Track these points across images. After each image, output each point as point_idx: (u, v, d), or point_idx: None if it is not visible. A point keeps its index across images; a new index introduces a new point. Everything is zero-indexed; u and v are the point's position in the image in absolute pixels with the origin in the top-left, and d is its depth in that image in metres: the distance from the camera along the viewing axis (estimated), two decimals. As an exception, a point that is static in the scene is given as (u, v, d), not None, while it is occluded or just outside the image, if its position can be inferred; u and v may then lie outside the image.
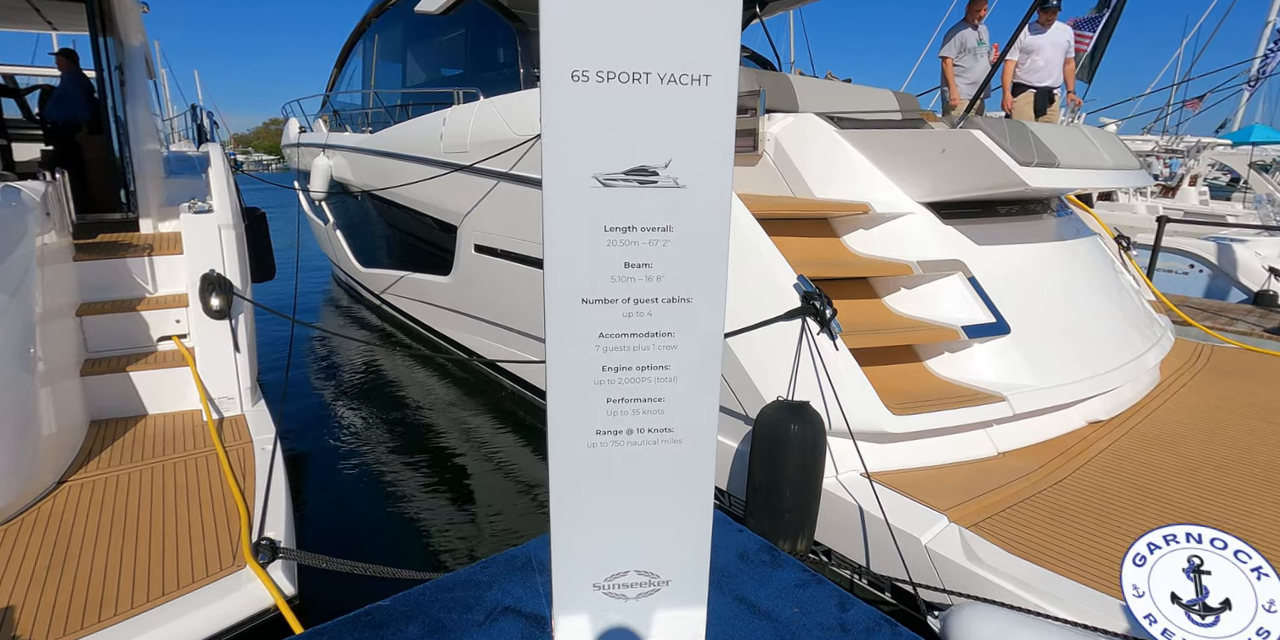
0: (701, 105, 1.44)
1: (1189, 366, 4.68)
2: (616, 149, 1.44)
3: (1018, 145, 3.22)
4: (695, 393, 1.63)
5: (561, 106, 1.39)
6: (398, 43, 7.79)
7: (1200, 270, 7.95)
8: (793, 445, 2.55)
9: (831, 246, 3.56)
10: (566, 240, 1.47)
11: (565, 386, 1.56)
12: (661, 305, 1.55)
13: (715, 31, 1.41)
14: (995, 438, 3.16)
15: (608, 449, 1.63)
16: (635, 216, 1.48)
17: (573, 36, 1.37)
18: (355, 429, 4.80)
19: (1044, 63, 5.97)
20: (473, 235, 4.92)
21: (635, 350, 1.57)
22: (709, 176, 1.48)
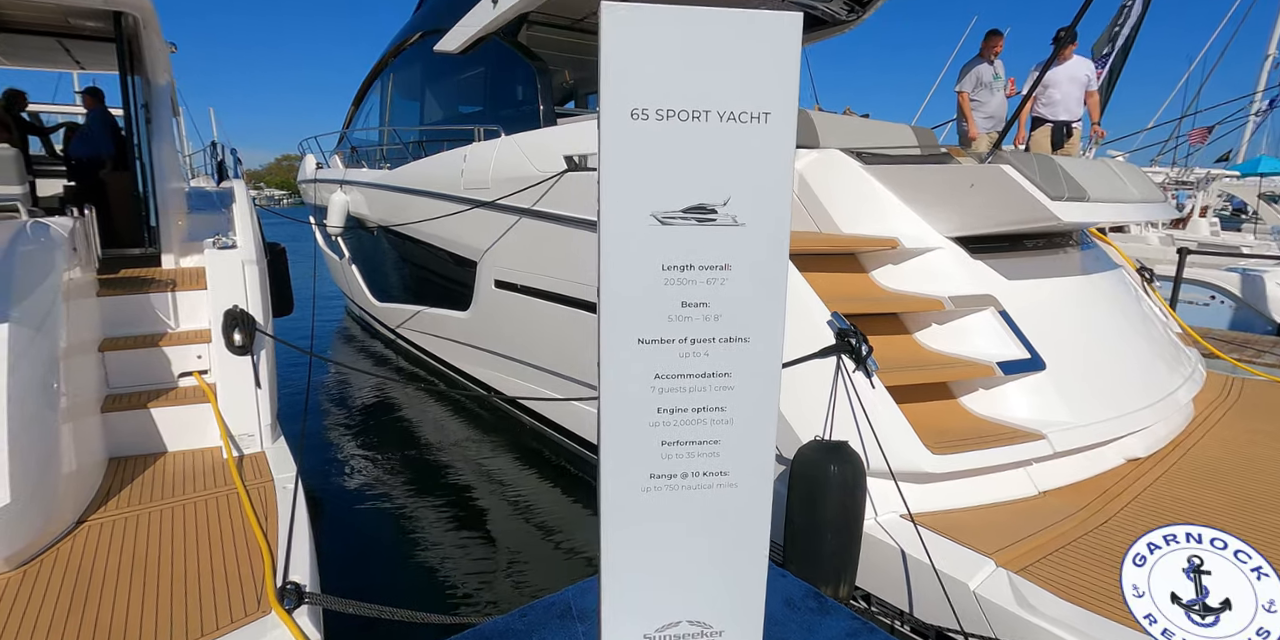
0: (761, 142, 1.42)
1: (1221, 401, 4.59)
2: (675, 187, 1.42)
3: (1048, 180, 3.21)
4: (752, 435, 1.58)
5: (620, 144, 1.38)
6: (416, 81, 7.93)
7: (1221, 301, 7.89)
8: (832, 487, 2.48)
9: (861, 282, 3.54)
10: (623, 279, 1.44)
11: (619, 429, 1.52)
12: (719, 345, 1.52)
13: (775, 69, 1.40)
14: (1034, 476, 3.08)
15: (661, 493, 1.57)
16: (693, 255, 1.45)
17: (633, 75, 1.37)
18: (374, 467, 4.73)
19: (1060, 97, 6.01)
20: (493, 271, 4.92)
21: (691, 391, 1.53)
22: (768, 214, 1.45)
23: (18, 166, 4.57)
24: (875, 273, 3.58)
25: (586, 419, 4.28)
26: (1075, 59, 6.03)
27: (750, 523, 1.65)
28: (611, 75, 1.37)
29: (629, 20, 1.34)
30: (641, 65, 1.37)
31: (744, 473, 1.60)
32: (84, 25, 6.12)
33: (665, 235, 1.45)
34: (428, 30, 7.38)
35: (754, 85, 1.41)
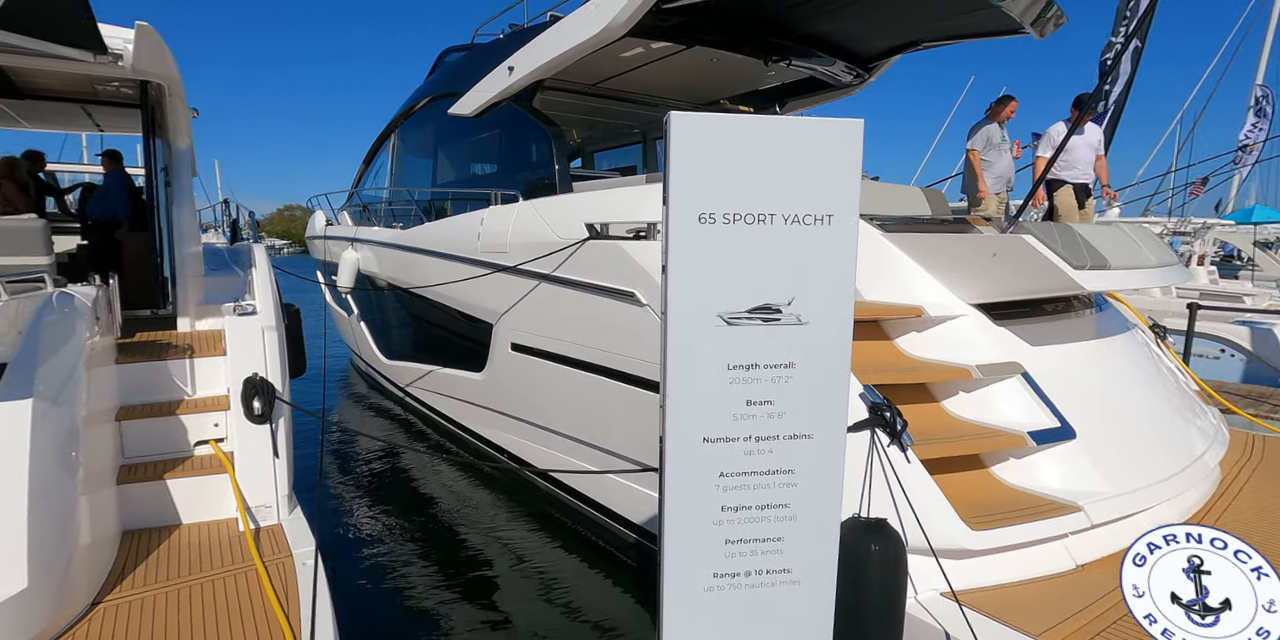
0: (825, 243, 1.45)
1: (1245, 461, 4.56)
2: (741, 288, 1.44)
3: (1070, 249, 3.26)
4: (815, 531, 1.56)
5: (687, 248, 1.40)
6: (428, 142, 8.11)
7: (1232, 355, 7.92)
8: (874, 566, 2.42)
9: (887, 350, 3.55)
10: (690, 380, 1.44)
11: (683, 528, 1.50)
12: (783, 442, 1.51)
13: (838, 173, 1.44)
14: (1072, 549, 3.03)
15: (725, 592, 1.54)
16: (758, 354, 1.46)
17: (701, 181, 1.40)
18: (390, 537, 4.63)
19: (1078, 160, 6.22)
20: (510, 333, 4.93)
21: (755, 489, 1.52)
22: (831, 312, 1.47)
23: (45, 237, 4.62)
24: (900, 340, 3.60)
25: (608, 486, 4.22)
26: (1089, 125, 6.27)
27: (813, 620, 1.61)
28: (680, 182, 1.40)
29: (697, 129, 1.39)
30: (709, 172, 1.41)
31: (807, 570, 1.58)
32: (110, 92, 6.28)
33: (731, 335, 1.46)
34: (439, 94, 7.59)
35: (818, 189, 1.45)
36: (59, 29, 4.10)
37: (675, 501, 1.45)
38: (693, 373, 1.41)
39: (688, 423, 1.44)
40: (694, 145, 1.36)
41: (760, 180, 1.39)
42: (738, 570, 1.50)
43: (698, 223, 1.39)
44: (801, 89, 7.36)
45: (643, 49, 5.99)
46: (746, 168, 1.38)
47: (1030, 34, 5.34)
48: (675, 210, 1.36)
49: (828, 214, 1.43)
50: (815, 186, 1.42)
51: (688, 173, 1.37)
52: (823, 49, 6.19)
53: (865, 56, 6.51)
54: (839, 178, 1.43)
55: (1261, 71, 22.52)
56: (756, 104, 7.68)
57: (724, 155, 1.38)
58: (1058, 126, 6.45)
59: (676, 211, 1.36)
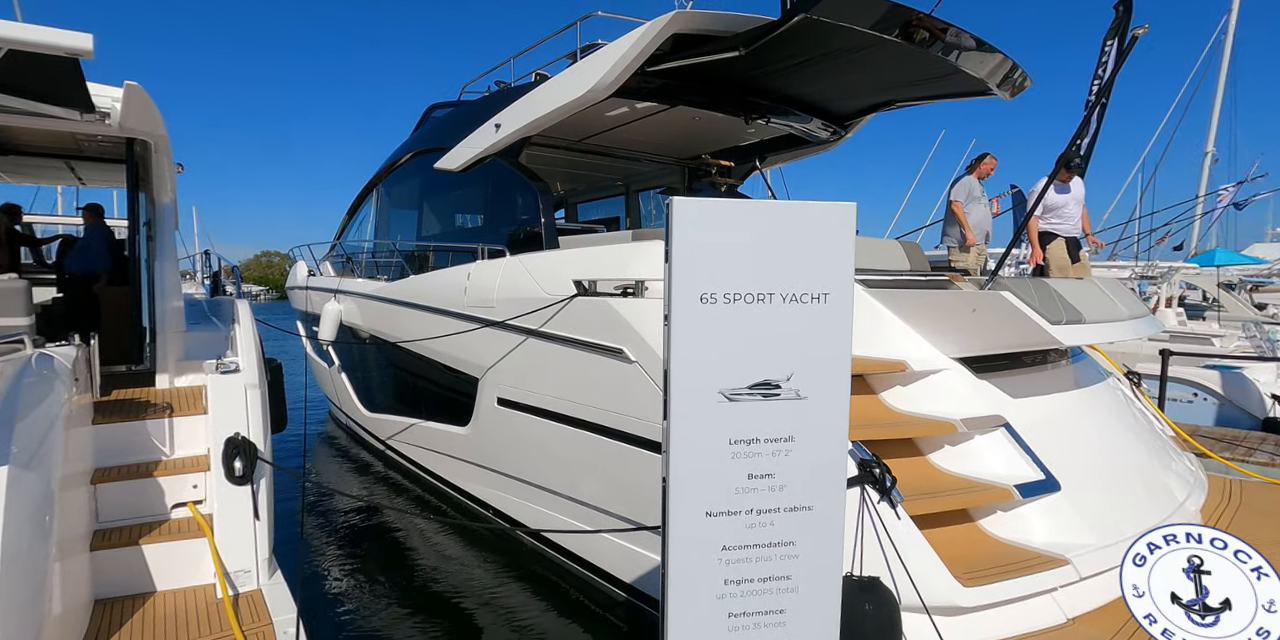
0: (821, 321, 1.51)
1: (1224, 507, 4.62)
2: (741, 365, 1.49)
3: (1046, 305, 3.37)
4: (816, 602, 1.56)
5: (689, 328, 1.45)
6: (413, 195, 8.21)
7: (1205, 398, 8.08)
8: (869, 628, 2.42)
9: (872, 404, 3.60)
10: (692, 456, 1.47)
11: (687, 602, 1.50)
12: (783, 515, 1.54)
13: (833, 253, 1.51)
14: (1061, 602, 3.03)
15: (730, 670, 1.53)
16: (759, 429, 1.50)
17: (702, 264, 1.46)
18: (372, 600, 4.50)
19: (1069, 216, 6.48)
20: (496, 388, 4.92)
21: (757, 561, 1.53)
22: (829, 386, 1.52)
23: (25, 299, 4.57)
24: (885, 394, 3.65)
25: (596, 545, 4.17)
26: (1075, 180, 6.54)
27: (818, 696, 1.60)
28: (682, 265, 1.46)
29: (697, 216, 1.45)
30: (710, 255, 1.47)
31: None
32: (94, 147, 6.32)
33: (732, 411, 1.50)
34: (425, 149, 7.72)
35: (814, 269, 1.51)
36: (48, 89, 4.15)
37: (679, 575, 1.46)
38: (695, 448, 1.44)
39: (690, 497, 1.46)
40: (695, 229, 1.42)
41: (758, 261, 1.45)
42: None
43: (699, 303, 1.44)
44: (780, 145, 7.60)
45: (627, 108, 6.18)
46: (745, 250, 1.45)
47: (999, 96, 5.61)
48: (678, 291, 1.41)
49: (824, 292, 1.49)
50: (811, 266, 1.48)
51: (689, 255, 1.43)
52: (800, 108, 6.43)
53: (841, 115, 6.77)
54: (834, 257, 1.49)
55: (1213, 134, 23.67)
56: (737, 159, 7.90)
57: (723, 238, 1.44)
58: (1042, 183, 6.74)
59: (679, 292, 1.41)
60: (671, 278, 1.41)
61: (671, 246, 1.42)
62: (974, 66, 5.04)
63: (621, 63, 4.66)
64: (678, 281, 1.41)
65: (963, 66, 4.95)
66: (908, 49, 4.60)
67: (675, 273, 1.41)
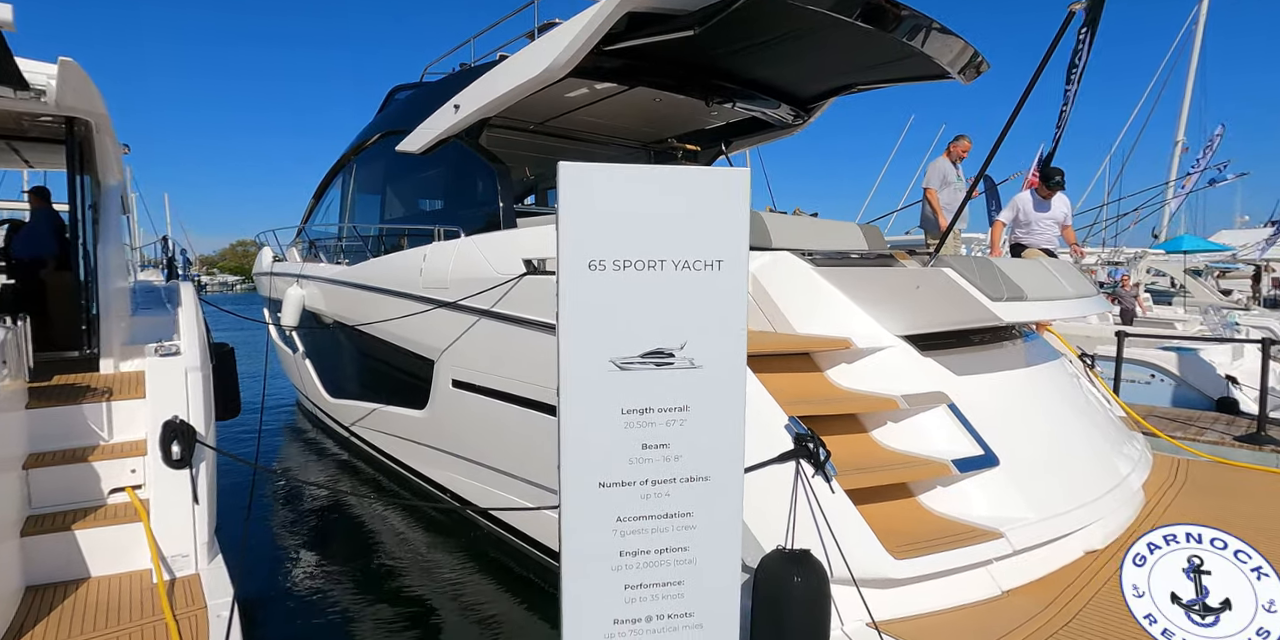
0: (715, 289, 1.48)
1: (1169, 485, 4.70)
2: (633, 333, 1.46)
3: (988, 282, 3.38)
4: (715, 574, 1.55)
5: (578, 295, 1.42)
6: (377, 178, 8.07)
7: (1162, 379, 8.22)
8: (796, 600, 2.43)
9: (816, 381, 3.60)
10: (584, 425, 1.45)
11: (582, 574, 1.48)
12: (680, 485, 1.52)
13: (726, 220, 1.48)
14: (996, 575, 3.07)
15: (626, 639, 1.52)
16: (652, 398, 1.48)
17: (590, 229, 1.43)
18: (325, 584, 4.46)
19: (1042, 233, 6.44)
20: (451, 370, 4.87)
21: (654, 533, 1.51)
22: (724, 356, 1.50)
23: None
24: (830, 372, 3.66)
25: (549, 525, 4.15)
26: (1057, 198, 6.46)
27: (719, 666, 1.60)
28: (570, 231, 1.42)
29: (584, 179, 1.42)
30: (598, 220, 1.44)
31: (709, 614, 1.57)
32: (39, 127, 6.12)
33: (625, 380, 1.47)
34: (389, 131, 7.59)
35: (706, 236, 1.49)
36: (-25, 67, 3.99)
37: (573, 547, 1.44)
38: (587, 417, 1.41)
39: (583, 467, 1.43)
40: (583, 194, 1.39)
41: (649, 228, 1.42)
42: (639, 616, 1.48)
43: (588, 269, 1.41)
44: (745, 129, 7.56)
45: (587, 89, 6.10)
46: (636, 216, 1.41)
47: (957, 80, 5.61)
48: (566, 258, 1.38)
49: (717, 260, 1.46)
50: (704, 234, 1.45)
51: (577, 220, 1.39)
52: (762, 91, 6.39)
53: (803, 98, 6.74)
54: (728, 225, 1.47)
55: (1183, 123, 23.97)
56: (702, 143, 7.86)
57: (613, 204, 1.41)
58: (1023, 195, 6.73)
59: (567, 259, 1.38)
60: (559, 243, 1.38)
61: (559, 211, 1.38)
62: (933, 50, 5.02)
63: (576, 42, 4.58)
64: (566, 248, 1.38)
65: (921, 49, 4.94)
66: (866, 31, 4.57)
67: (563, 239, 1.37)
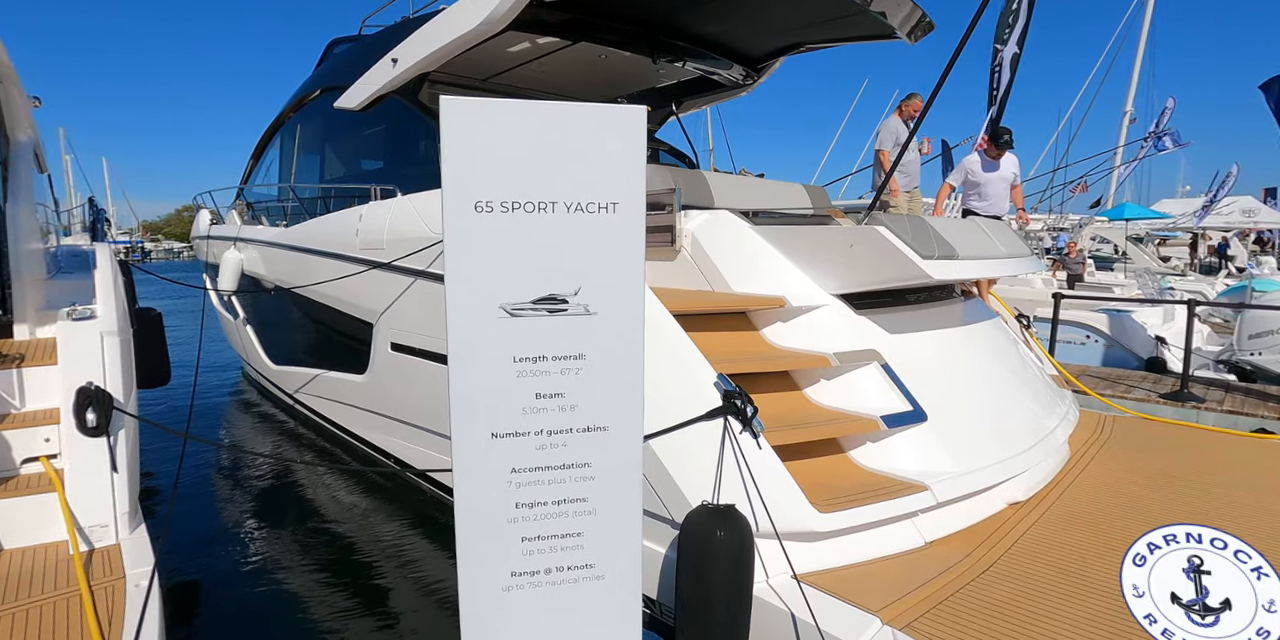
0: (610, 232, 1.43)
1: (1095, 439, 4.88)
2: (524, 278, 1.40)
3: (919, 240, 3.40)
4: (616, 525, 1.54)
5: (465, 237, 1.35)
6: (316, 137, 7.77)
7: (1096, 340, 8.51)
8: (720, 553, 2.46)
9: (751, 340, 3.61)
10: (474, 373, 1.40)
11: (476, 527, 1.45)
12: (576, 435, 1.49)
13: (623, 160, 1.42)
14: (921, 527, 3.16)
15: (524, 592, 1.50)
16: (545, 346, 1.43)
17: (476, 168, 1.36)
18: (261, 549, 4.39)
19: (992, 194, 6.38)
20: (389, 333, 4.77)
21: (550, 484, 1.49)
22: (620, 302, 1.45)
23: None
24: (765, 330, 3.67)
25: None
26: (1005, 157, 6.39)
27: (620, 614, 1.60)
28: (453, 168, 1.35)
29: (468, 113, 1.34)
30: (484, 158, 1.37)
31: (610, 564, 1.56)
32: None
33: (516, 327, 1.43)
34: (328, 86, 7.28)
35: (601, 176, 1.43)
36: None
37: (467, 500, 1.40)
38: (477, 366, 1.36)
39: (475, 417, 1.39)
40: (467, 130, 1.32)
41: (539, 167, 1.35)
42: (537, 568, 1.46)
43: (474, 211, 1.34)
44: (696, 89, 7.43)
45: (529, 44, 5.90)
46: (524, 154, 1.35)
47: (903, 40, 5.57)
48: (450, 198, 1.31)
49: (612, 202, 1.41)
50: (598, 174, 1.40)
51: (461, 159, 1.32)
52: (711, 49, 6.26)
53: (753, 57, 6.63)
54: (623, 165, 1.41)
55: (1132, 93, 24.39)
56: (653, 103, 7.71)
57: (499, 141, 1.34)
58: (971, 157, 6.69)
59: (452, 200, 1.31)
60: (443, 182, 1.31)
61: (441, 148, 1.31)
62: (881, 8, 4.96)
63: (514, -8, 4.40)
64: (450, 188, 1.31)
65: (867, 8, 4.88)
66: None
67: (447, 178, 1.30)
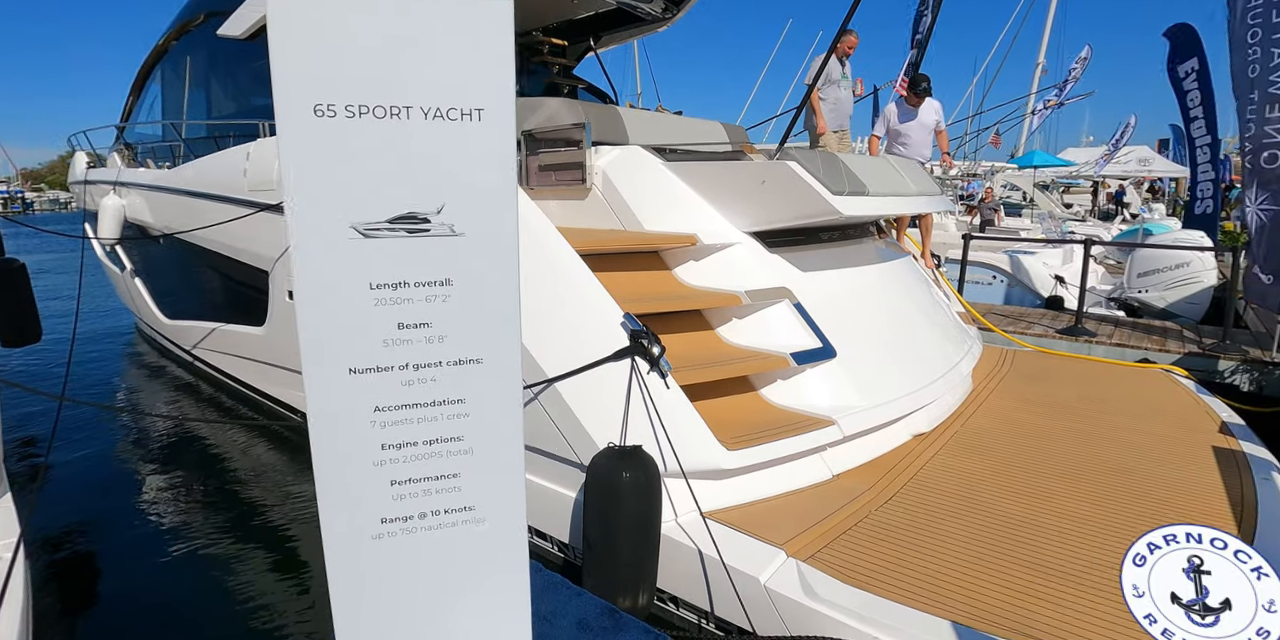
0: (475, 142, 1.28)
1: (996, 372, 5.10)
2: (378, 194, 1.25)
3: (830, 176, 3.36)
4: (495, 464, 1.44)
5: (305, 147, 1.18)
6: (201, 68, 7.09)
7: (1001, 280, 8.88)
8: (625, 494, 2.43)
9: (664, 280, 3.53)
10: (325, 302, 1.25)
11: (338, 471, 1.33)
12: (447, 369, 1.37)
13: (486, 62, 1.26)
14: (829, 461, 3.21)
15: (397, 539, 1.40)
16: (406, 270, 1.29)
17: (312, 64, 1.17)
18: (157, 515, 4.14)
19: (913, 142, 6.32)
20: (286, 281, 4.46)
21: (420, 422, 1.37)
22: (490, 222, 1.32)
23: None
24: (678, 270, 3.60)
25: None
26: (926, 104, 6.31)
27: (506, 558, 1.52)
28: (286, 66, 1.16)
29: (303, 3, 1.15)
30: (322, 55, 1.18)
31: (492, 506, 1.47)
32: None
33: (370, 249, 1.28)
34: (212, 11, 6.61)
35: (463, 78, 1.27)
36: None
37: (325, 442, 1.28)
38: (327, 293, 1.22)
39: (328, 352, 1.25)
40: (300, 19, 1.13)
41: (389, 66, 1.19)
42: (410, 513, 1.36)
43: (314, 116, 1.17)
44: (614, 22, 7.13)
45: (429, -34, 5.45)
46: (370, 50, 1.18)
47: None
48: (284, 100, 1.14)
49: (477, 108, 1.26)
50: (460, 76, 1.24)
51: (293, 56, 1.14)
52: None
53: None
54: (488, 67, 1.25)
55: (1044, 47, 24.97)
56: (571, 38, 7.37)
57: (339, 36, 1.16)
58: (890, 106, 6.62)
59: (286, 102, 1.14)
60: (274, 83, 1.13)
61: (270, 43, 1.12)
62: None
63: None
64: (281, 88, 1.13)
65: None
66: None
67: (278, 76, 1.13)
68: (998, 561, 2.51)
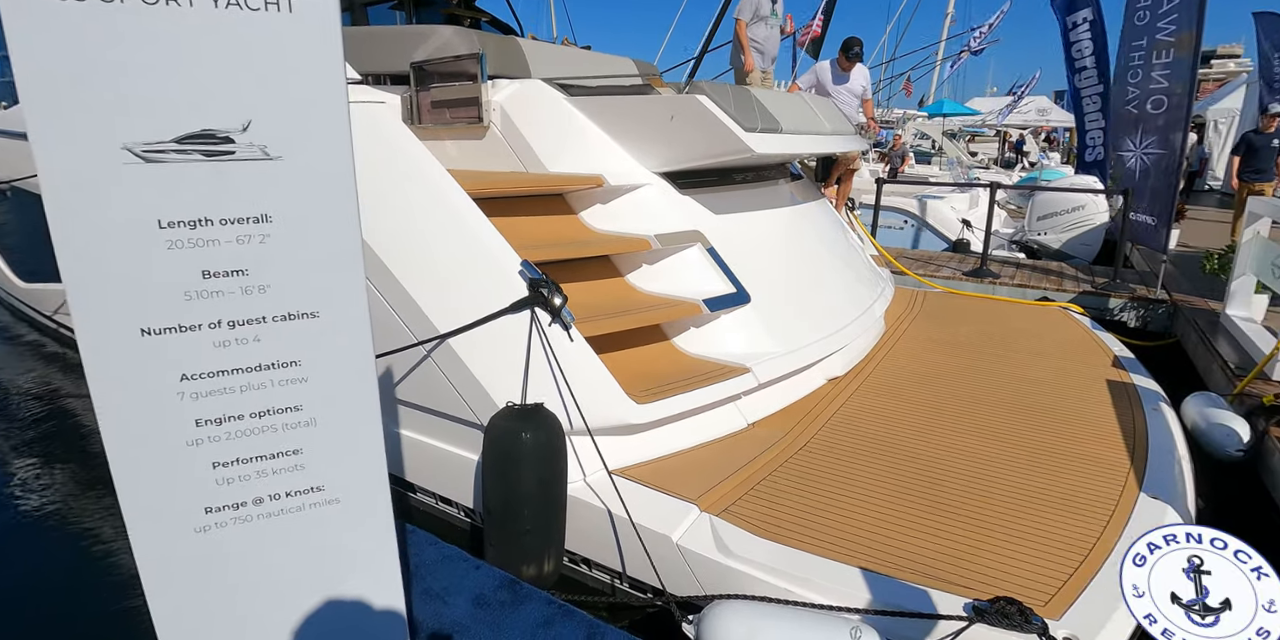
0: (287, 40, 1.01)
1: (907, 313, 5.16)
2: (159, 105, 0.97)
3: (742, 111, 3.16)
4: (346, 434, 1.23)
5: (43, 41, 0.89)
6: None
7: (912, 225, 9.05)
8: (526, 457, 2.26)
9: (568, 224, 3.30)
10: (99, 246, 0.98)
11: (137, 457, 1.08)
12: (273, 325, 1.12)
13: (285, -66, 0.99)
14: (744, 410, 3.14)
15: (228, 530, 1.17)
16: (207, 204, 1.03)
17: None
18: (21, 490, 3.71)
19: (843, 106, 6.13)
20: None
21: (244, 391, 1.13)
22: (315, 142, 1.06)
23: None
24: (584, 213, 3.37)
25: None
26: (856, 69, 6.14)
27: (370, 542, 1.33)
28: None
29: None
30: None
31: (347, 484, 1.26)
32: None
33: (156, 177, 1.00)
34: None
35: (255, -45, 0.99)
36: None
37: (116, 422, 1.03)
38: (100, 235, 0.95)
39: (109, 310, 1.00)
40: None
41: (149, -69, 0.90)
42: (243, 499, 1.14)
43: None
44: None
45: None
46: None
47: None
48: (2, -26, 0.84)
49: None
50: (254, -49, 0.96)
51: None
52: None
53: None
54: (293, -60, 0.98)
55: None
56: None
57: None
58: (822, 65, 6.43)
59: (5, -24, 0.84)
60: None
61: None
62: None
63: None
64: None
65: None
66: None
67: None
68: (905, 504, 2.50)
